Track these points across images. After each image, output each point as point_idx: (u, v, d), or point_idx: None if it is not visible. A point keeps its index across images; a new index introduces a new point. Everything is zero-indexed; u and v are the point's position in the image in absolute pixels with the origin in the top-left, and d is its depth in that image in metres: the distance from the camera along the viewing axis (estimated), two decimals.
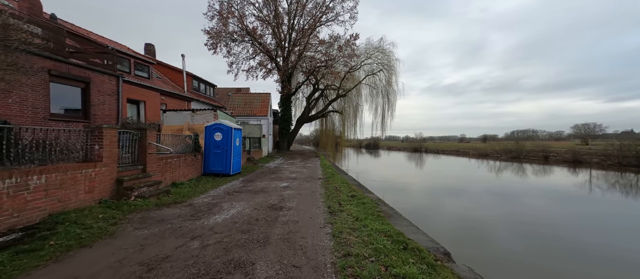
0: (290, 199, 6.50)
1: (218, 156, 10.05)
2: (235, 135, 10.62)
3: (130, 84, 14.05)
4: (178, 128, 11.16)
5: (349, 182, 9.72)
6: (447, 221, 8.17)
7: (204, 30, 23.98)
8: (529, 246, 6.33)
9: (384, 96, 29.53)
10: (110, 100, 9.57)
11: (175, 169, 7.87)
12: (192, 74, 20.60)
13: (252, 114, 25.27)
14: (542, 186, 15.68)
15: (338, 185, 8.66)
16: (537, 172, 21.99)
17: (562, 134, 71.43)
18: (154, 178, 6.61)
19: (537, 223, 8.18)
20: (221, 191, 7.40)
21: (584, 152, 33.63)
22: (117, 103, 9.85)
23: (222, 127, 10.10)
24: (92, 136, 5.09)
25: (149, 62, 16.68)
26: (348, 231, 4.18)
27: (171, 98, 17.31)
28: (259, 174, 11.27)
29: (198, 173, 9.68)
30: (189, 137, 9.50)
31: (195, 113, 11.51)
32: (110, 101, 9.60)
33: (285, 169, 13.58)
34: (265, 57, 26.44)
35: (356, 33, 24.75)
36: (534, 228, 7.61)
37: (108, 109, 9.49)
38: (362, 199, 6.54)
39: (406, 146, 67.54)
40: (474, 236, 7.02)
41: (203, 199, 6.37)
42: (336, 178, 10.25)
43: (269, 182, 9.10)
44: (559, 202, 11.27)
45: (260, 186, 8.37)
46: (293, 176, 10.82)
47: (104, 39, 15.54)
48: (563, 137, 69.15)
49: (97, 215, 4.42)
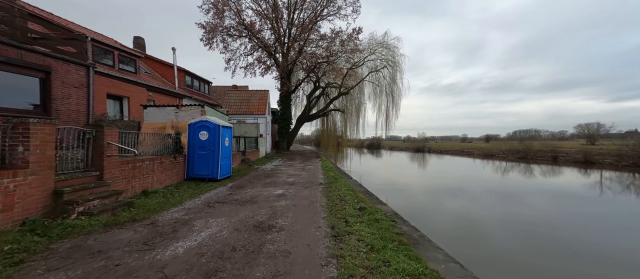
0: (283, 214, 5.17)
1: (203, 158, 8.72)
2: (224, 134, 9.30)
3: (113, 78, 12.77)
4: (160, 126, 9.84)
5: (355, 188, 8.38)
6: (481, 243, 6.78)
7: (198, 24, 22.66)
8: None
9: (388, 93, 28.16)
10: (77, 93, 8.25)
11: (147, 174, 6.54)
12: (184, 69, 19.28)
13: (249, 112, 23.95)
14: (573, 190, 14.27)
15: (342, 193, 7.32)
16: (554, 174, 20.53)
17: (566, 134, 70.16)
18: (113, 187, 5.28)
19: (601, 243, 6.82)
20: (200, 202, 6.07)
21: (596, 153, 32.17)
22: (87, 97, 8.54)
23: (208, 125, 8.77)
24: (13, 134, 3.76)
25: (135, 55, 15.37)
26: (362, 274, 2.85)
27: (160, 94, 15.99)
28: (252, 179, 9.94)
29: (179, 178, 8.35)
30: (169, 136, 8.17)
31: (180, 109, 10.19)
32: (79, 95, 8.28)
33: (283, 172, 12.24)
34: (263, 53, 25.15)
35: (359, 27, 23.40)
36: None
37: (75, 103, 8.17)
38: (373, 214, 5.20)
39: (408, 146, 66.11)
40: (512, 254, 5.65)
41: (173, 213, 5.03)
42: (339, 183, 8.91)
43: (262, 189, 7.76)
44: (595, 211, 9.92)
45: (250, 194, 7.03)
46: (290, 181, 9.49)
47: (75, 26, 14.18)
48: (566, 137, 67.89)
49: (2, 247, 3.09)
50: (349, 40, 23.66)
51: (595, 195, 12.60)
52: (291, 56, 24.78)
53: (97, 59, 13.06)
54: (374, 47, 27.46)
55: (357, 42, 24.05)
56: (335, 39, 23.55)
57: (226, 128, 9.47)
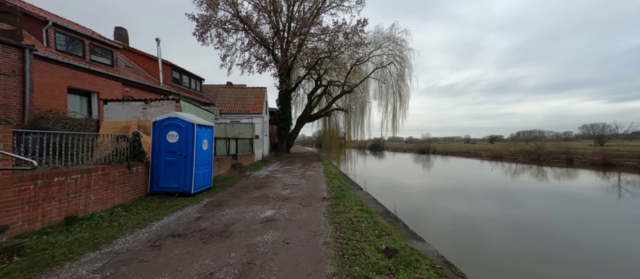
0: (266, 264, 3.17)
1: (172, 166, 6.73)
2: (202, 135, 7.31)
3: (79, 70, 10.85)
4: (124, 126, 7.88)
5: (370, 207, 6.36)
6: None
7: (189, 16, 20.73)
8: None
9: (395, 91, 26.10)
10: (6, 82, 6.34)
11: (75, 193, 4.55)
12: (170, 62, 17.35)
13: (244, 111, 21.99)
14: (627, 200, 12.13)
15: (355, 216, 5.31)
16: (587, 178, 18.36)
17: (571, 134, 68.36)
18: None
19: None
20: (147, 236, 4.08)
21: (614, 155, 29.96)
22: (22, 88, 6.63)
23: (178, 123, 6.79)
24: None
25: (112, 46, 13.44)
26: None
27: (141, 90, 14.05)
28: (239, 191, 7.94)
29: (139, 193, 6.36)
30: (123, 137, 6.20)
31: (149, 104, 8.21)
32: (8, 84, 6.37)
33: (278, 180, 10.24)
34: (261, 49, 23.24)
35: (365, 18, 21.39)
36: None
37: (2, 96, 6.26)
38: (411, 264, 3.20)
39: (412, 147, 64.11)
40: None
41: (80, 267, 3.05)
42: (349, 199, 6.89)
43: (245, 209, 5.77)
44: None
45: (227, 219, 5.03)
46: (285, 194, 7.49)
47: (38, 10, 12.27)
48: (571, 138, 65.99)
49: None
50: (354, 34, 21.69)
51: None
52: (291, 52, 22.86)
53: (63, 48, 11.16)
54: (380, 41, 25.44)
55: (362, 35, 22.07)
56: (338, 32, 21.59)
57: (204, 128, 7.48)
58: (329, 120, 29.50)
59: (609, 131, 50.41)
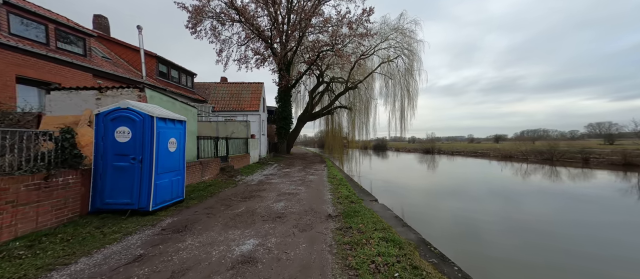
0: None
1: (123, 175, 4.92)
2: (167, 132, 5.50)
3: (33, 56, 9.12)
4: (73, 120, 6.11)
5: (396, 232, 4.52)
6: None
7: (179, 5, 18.90)
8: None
9: (403, 87, 24.15)
10: None
11: None
12: (156, 54, 15.59)
13: (239, 108, 20.21)
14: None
15: (379, 252, 3.46)
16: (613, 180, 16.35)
17: (576, 133, 66.89)
18: None
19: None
20: None
21: (636, 154, 27.93)
22: None
23: (131, 116, 4.98)
24: None
25: (83, 32, 11.71)
26: None
27: (117, 83, 12.28)
28: (219, 203, 6.13)
29: (71, 213, 4.56)
30: (46, 135, 4.41)
31: (104, 94, 6.42)
32: None
33: (273, 187, 8.43)
34: (259, 43, 21.47)
35: (371, 7, 19.50)
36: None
37: None
38: None
39: (417, 147, 62.22)
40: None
41: None
42: (363, 217, 5.05)
43: (216, 238, 3.96)
44: None
45: (178, 262, 3.21)
46: (279, 208, 5.67)
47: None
48: (577, 136, 64.36)
49: None
50: (359, 24, 19.85)
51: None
52: (290, 45, 21.07)
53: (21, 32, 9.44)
54: (386, 33, 23.53)
55: (368, 26, 20.23)
56: (341, 21, 19.76)
57: (172, 123, 5.67)
58: (331, 119, 27.67)
59: (616, 129, 48.81)
